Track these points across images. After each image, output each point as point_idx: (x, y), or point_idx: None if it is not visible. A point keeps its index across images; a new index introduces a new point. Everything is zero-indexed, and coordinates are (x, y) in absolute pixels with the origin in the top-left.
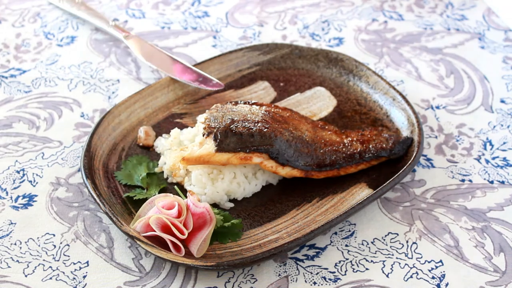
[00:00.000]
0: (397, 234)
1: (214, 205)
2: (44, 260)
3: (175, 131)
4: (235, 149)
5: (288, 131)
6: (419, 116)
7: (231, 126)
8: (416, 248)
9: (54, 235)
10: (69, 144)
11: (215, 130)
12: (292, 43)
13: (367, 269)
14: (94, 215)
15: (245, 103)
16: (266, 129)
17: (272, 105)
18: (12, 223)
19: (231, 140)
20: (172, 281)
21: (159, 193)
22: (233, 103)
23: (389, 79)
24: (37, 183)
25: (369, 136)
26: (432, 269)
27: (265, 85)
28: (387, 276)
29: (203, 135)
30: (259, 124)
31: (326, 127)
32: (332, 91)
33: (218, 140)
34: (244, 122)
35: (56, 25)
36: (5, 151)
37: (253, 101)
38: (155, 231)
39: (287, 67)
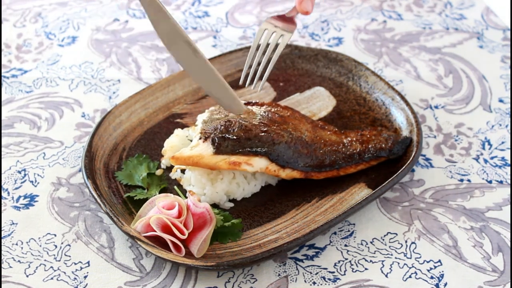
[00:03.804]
0: (396, 234)
1: (214, 205)
2: (45, 260)
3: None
4: (233, 151)
5: (287, 132)
6: (418, 115)
7: (229, 129)
8: (415, 248)
9: (55, 235)
10: (70, 144)
11: (212, 135)
12: (291, 43)
13: (366, 269)
14: (95, 215)
15: (245, 103)
16: (263, 134)
17: (273, 104)
18: (13, 223)
19: (229, 143)
20: (173, 281)
21: (159, 193)
22: None
23: (388, 79)
24: (38, 183)
25: (368, 136)
26: (431, 269)
27: (265, 85)
28: (386, 276)
29: (200, 139)
30: (257, 128)
31: (326, 127)
32: (331, 91)
33: (216, 144)
34: (242, 125)
35: (57, 25)
36: (6, 151)
37: (254, 101)
38: (155, 231)
39: (286, 67)
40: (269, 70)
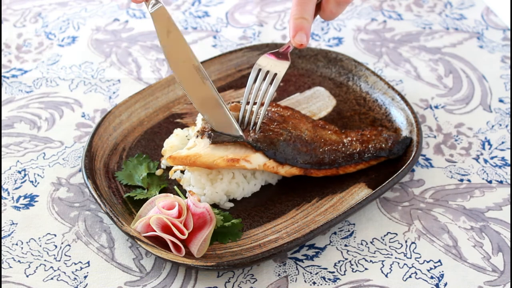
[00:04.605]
0: (396, 234)
1: (214, 205)
2: (45, 260)
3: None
4: (230, 140)
5: (287, 130)
6: (418, 115)
7: None
8: (415, 248)
9: (55, 235)
10: (70, 144)
11: (209, 131)
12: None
13: (366, 269)
14: (95, 215)
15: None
16: (261, 132)
17: (274, 104)
18: (13, 223)
19: (225, 136)
20: (173, 281)
21: (159, 193)
22: (234, 103)
23: (388, 78)
24: (38, 183)
25: (368, 136)
26: (431, 269)
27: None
28: (386, 276)
29: (197, 137)
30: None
31: (327, 126)
32: (331, 91)
33: (212, 136)
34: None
35: (57, 25)
36: (6, 151)
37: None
38: (155, 231)
39: None
40: (263, 113)
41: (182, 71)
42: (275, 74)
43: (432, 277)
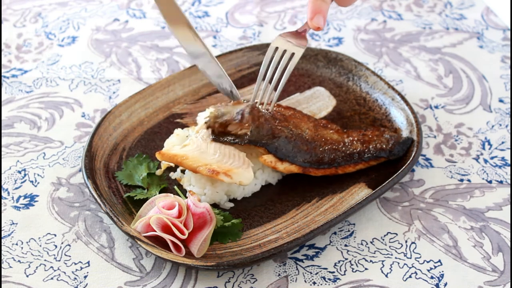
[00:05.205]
0: (396, 234)
1: (214, 205)
2: (45, 260)
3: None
4: (231, 140)
5: (288, 128)
6: (418, 115)
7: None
8: (415, 248)
9: (55, 235)
10: (70, 144)
11: (211, 123)
12: None
13: (366, 269)
14: (95, 215)
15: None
16: (264, 127)
17: (275, 104)
18: (13, 223)
19: (227, 137)
20: (173, 281)
21: (159, 193)
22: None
23: (388, 78)
24: (38, 183)
25: (370, 136)
26: (431, 269)
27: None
28: (386, 276)
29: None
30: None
31: (329, 126)
32: (331, 91)
33: (215, 136)
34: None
35: (57, 25)
36: (6, 151)
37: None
38: (155, 231)
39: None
40: (279, 91)
41: (176, 26)
42: (293, 54)
43: (432, 277)
